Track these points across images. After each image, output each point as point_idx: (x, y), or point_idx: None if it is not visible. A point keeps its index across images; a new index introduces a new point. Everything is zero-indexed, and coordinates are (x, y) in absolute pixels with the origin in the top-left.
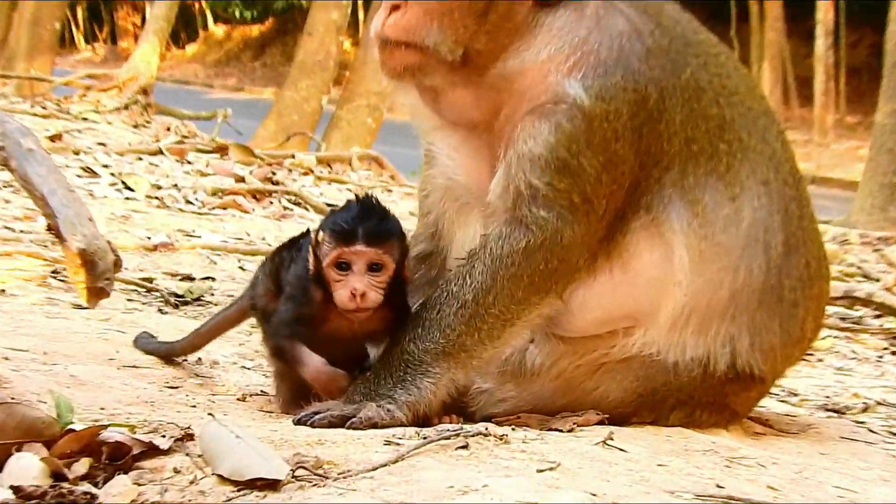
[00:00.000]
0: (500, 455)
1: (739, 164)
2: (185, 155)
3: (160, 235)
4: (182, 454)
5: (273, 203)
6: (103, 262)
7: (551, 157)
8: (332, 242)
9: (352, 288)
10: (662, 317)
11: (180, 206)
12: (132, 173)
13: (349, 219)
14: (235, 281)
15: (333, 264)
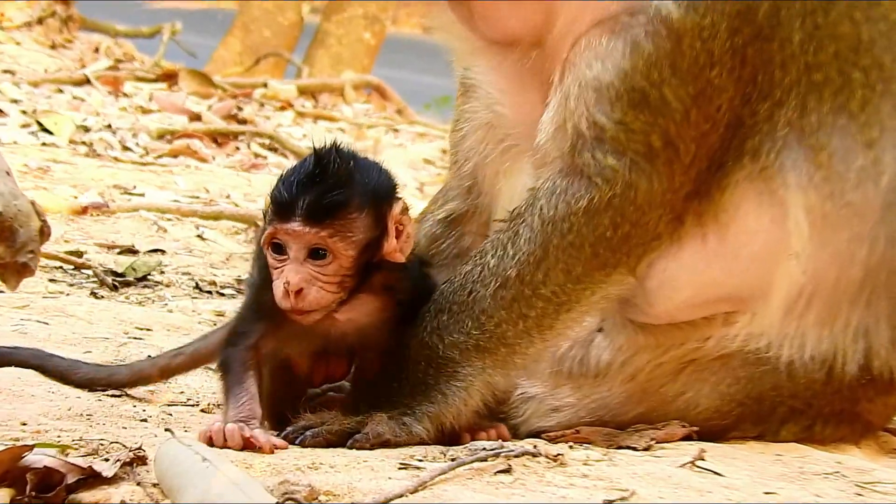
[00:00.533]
0: (554, 481)
1: (879, 100)
2: (120, 85)
3: (90, 194)
4: (132, 483)
5: (240, 149)
6: (25, 229)
7: (624, 87)
8: (270, 214)
9: (284, 281)
10: (774, 300)
11: (116, 155)
12: (50, 111)
13: (292, 182)
14: (192, 254)
15: (268, 245)
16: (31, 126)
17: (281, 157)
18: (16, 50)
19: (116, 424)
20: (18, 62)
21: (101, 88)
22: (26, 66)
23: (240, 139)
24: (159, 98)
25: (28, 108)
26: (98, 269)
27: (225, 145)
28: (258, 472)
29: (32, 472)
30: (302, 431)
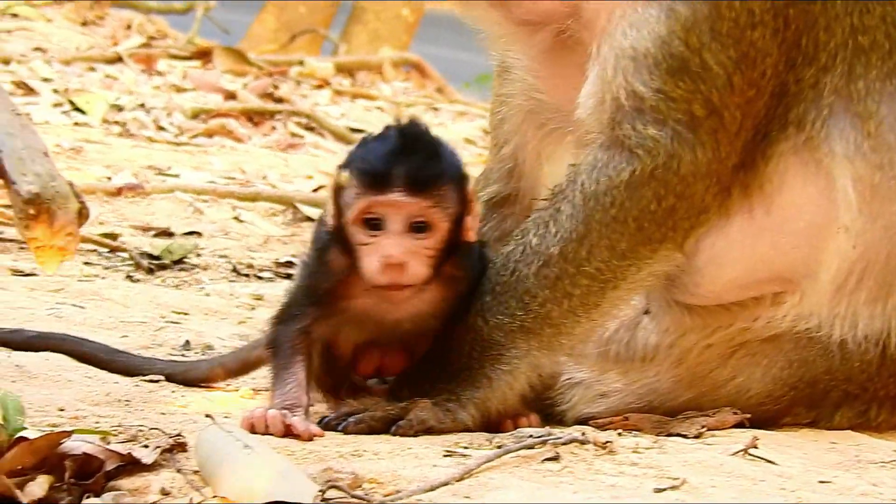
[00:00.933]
0: (603, 469)
1: None
2: (153, 63)
3: (124, 175)
4: (171, 470)
5: (276, 128)
6: (64, 211)
7: (662, 54)
8: (358, 188)
9: (384, 255)
10: (824, 277)
11: (150, 135)
12: (83, 89)
13: (383, 154)
14: (229, 236)
15: (360, 220)
16: (64, 105)
17: (318, 136)
18: (46, 27)
19: (155, 410)
20: (49, 40)
21: (134, 66)
22: (57, 44)
23: (276, 118)
24: (193, 76)
25: (60, 87)
26: (133, 251)
27: (261, 125)
28: (300, 459)
29: (71, 458)
30: (344, 418)
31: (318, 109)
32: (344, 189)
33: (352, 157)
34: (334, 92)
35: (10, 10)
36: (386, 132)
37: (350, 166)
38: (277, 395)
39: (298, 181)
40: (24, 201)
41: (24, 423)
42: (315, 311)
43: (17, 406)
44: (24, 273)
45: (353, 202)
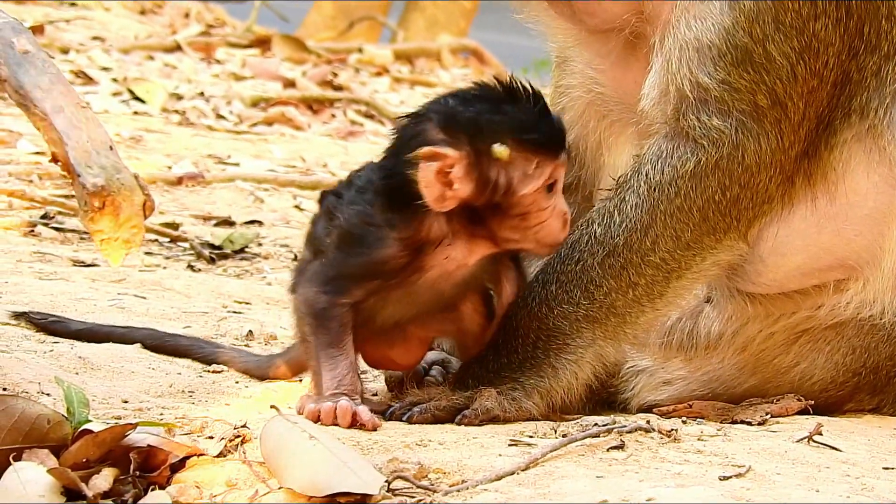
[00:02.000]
0: (668, 457)
1: None
2: (212, 52)
3: (184, 164)
4: (237, 461)
5: (336, 116)
6: (129, 203)
7: (726, 45)
8: (534, 156)
9: (562, 213)
10: (887, 264)
11: (209, 123)
12: (142, 78)
13: (541, 119)
14: (290, 225)
15: (545, 187)
16: (123, 94)
17: (378, 123)
18: (105, 16)
19: (219, 401)
20: (108, 28)
21: (193, 55)
22: (116, 33)
23: (335, 106)
24: (252, 64)
25: (119, 76)
26: (195, 241)
27: (320, 112)
28: (365, 449)
29: (136, 451)
30: (409, 407)
31: (378, 97)
32: (507, 162)
33: (498, 127)
34: (393, 79)
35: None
36: (509, 93)
37: (504, 137)
38: (331, 379)
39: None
40: (90, 194)
41: (88, 416)
42: (373, 287)
43: (82, 398)
44: (85, 264)
45: (534, 172)
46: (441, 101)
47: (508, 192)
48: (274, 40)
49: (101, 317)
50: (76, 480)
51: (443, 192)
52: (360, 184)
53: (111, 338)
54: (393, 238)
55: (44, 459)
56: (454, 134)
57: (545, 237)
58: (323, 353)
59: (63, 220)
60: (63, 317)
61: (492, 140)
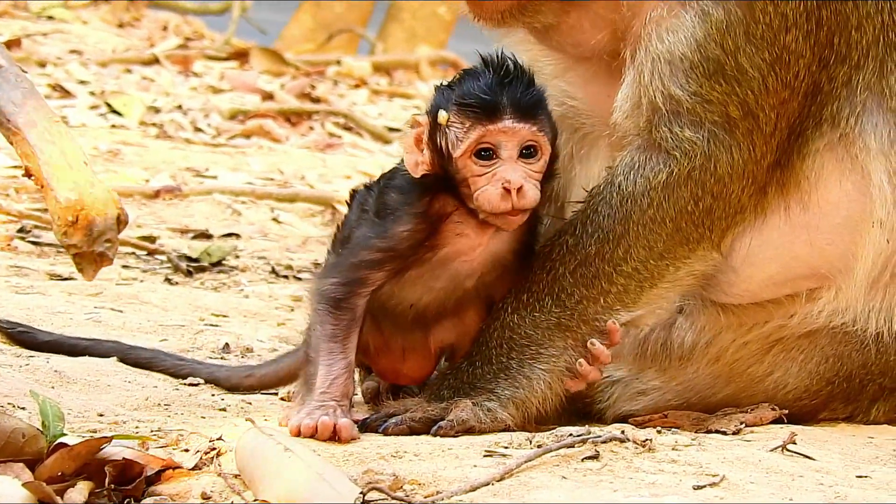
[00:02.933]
0: (643, 467)
1: None
2: (190, 64)
3: (162, 177)
4: (213, 474)
5: (314, 128)
6: (103, 218)
7: (698, 57)
8: (467, 120)
9: (504, 181)
10: (859, 272)
11: (187, 136)
12: (119, 91)
13: (488, 86)
14: (267, 238)
15: (472, 152)
16: (100, 108)
17: (356, 136)
18: (82, 29)
19: (195, 414)
20: (85, 42)
21: (171, 68)
22: (93, 46)
23: (314, 118)
24: (231, 77)
25: (96, 90)
26: (172, 254)
27: (299, 125)
28: (340, 461)
29: (111, 464)
30: (385, 419)
31: (356, 109)
32: (447, 128)
33: (446, 97)
34: (372, 91)
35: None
36: (477, 69)
37: (448, 105)
38: (325, 376)
39: (337, 181)
40: (63, 208)
41: (63, 429)
42: (384, 275)
43: (57, 412)
44: (62, 277)
45: (463, 136)
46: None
47: (448, 157)
48: (252, 53)
49: (78, 330)
50: (51, 494)
51: (415, 159)
52: (390, 172)
53: (81, 350)
54: (408, 214)
55: (19, 473)
56: (431, 106)
57: (483, 204)
58: (324, 347)
59: (40, 233)
60: (32, 327)
61: (441, 107)
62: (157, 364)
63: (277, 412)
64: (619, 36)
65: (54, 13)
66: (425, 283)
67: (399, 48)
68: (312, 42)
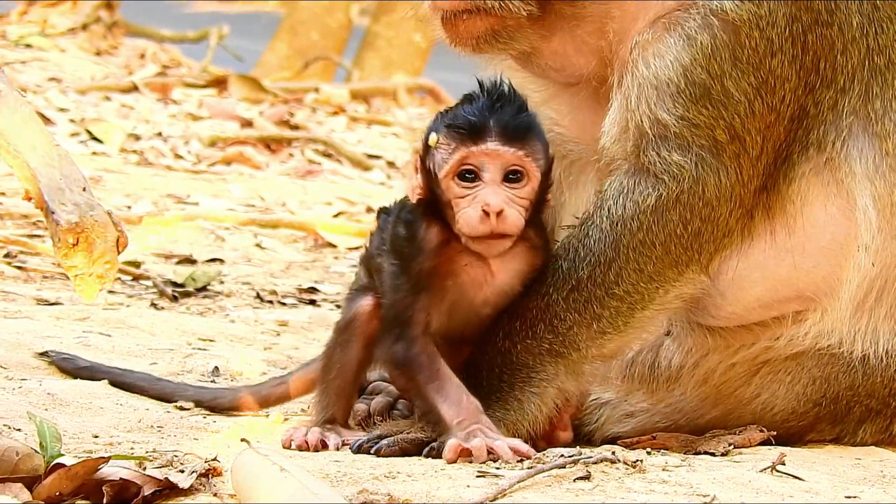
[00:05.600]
0: (634, 487)
1: None
2: (169, 92)
3: (144, 203)
4: (208, 494)
5: (294, 155)
6: (103, 240)
7: (685, 82)
8: (453, 142)
9: (484, 202)
10: (844, 294)
11: (168, 163)
12: (99, 119)
13: (475, 109)
14: (251, 263)
15: (455, 173)
16: (81, 135)
17: (336, 162)
18: (60, 57)
19: (188, 436)
20: (64, 70)
21: (150, 95)
22: (72, 74)
23: (293, 145)
24: (209, 104)
25: (76, 117)
26: (157, 279)
27: (278, 152)
28: (335, 481)
29: (109, 484)
30: (377, 440)
31: (335, 136)
32: (433, 150)
33: (440, 120)
34: (350, 118)
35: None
36: (471, 95)
37: (440, 127)
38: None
39: (318, 207)
40: (64, 230)
41: (60, 450)
42: (426, 303)
43: (54, 433)
44: (49, 302)
45: (448, 157)
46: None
47: (434, 179)
48: (230, 80)
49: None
50: None
51: (412, 183)
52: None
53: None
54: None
55: (17, 493)
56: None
57: (463, 226)
58: (430, 390)
59: (26, 259)
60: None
61: (435, 131)
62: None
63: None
64: (605, 62)
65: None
66: (446, 313)
67: (375, 75)
68: (289, 69)
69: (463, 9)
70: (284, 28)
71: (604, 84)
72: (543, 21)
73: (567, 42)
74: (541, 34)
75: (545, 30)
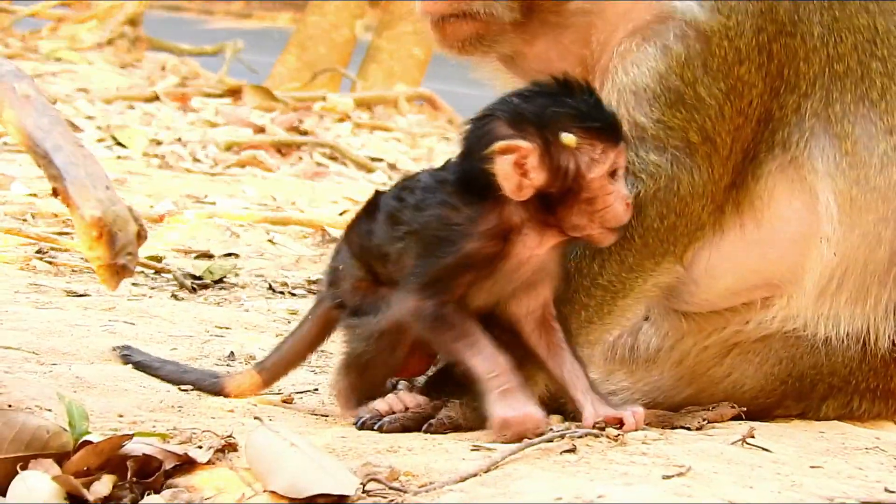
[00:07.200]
0: (616, 459)
1: None
2: (188, 101)
3: (165, 203)
4: (225, 467)
5: (303, 158)
6: (124, 233)
7: (660, 88)
8: (598, 143)
9: (624, 197)
10: (808, 282)
11: (187, 166)
12: (124, 126)
13: (600, 107)
14: (264, 257)
15: (608, 172)
16: (107, 140)
17: (341, 165)
18: (88, 69)
19: (206, 415)
20: (91, 81)
21: (170, 104)
22: (98, 85)
23: (302, 149)
24: (225, 112)
25: (102, 124)
26: (177, 272)
27: (288, 155)
28: (341, 455)
29: (133, 459)
30: (380, 417)
31: (340, 140)
32: (572, 148)
33: (563, 117)
34: (354, 124)
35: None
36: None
37: (569, 126)
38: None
39: (325, 206)
40: (88, 224)
41: (87, 428)
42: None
43: (82, 412)
44: (77, 294)
45: (600, 157)
46: (504, 100)
47: (578, 178)
48: (245, 90)
49: (95, 340)
50: (78, 487)
51: (520, 182)
52: (424, 186)
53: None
54: (478, 232)
55: (48, 468)
56: (523, 127)
57: (610, 220)
58: (461, 348)
59: (56, 254)
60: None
61: (558, 129)
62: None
63: (282, 412)
64: (588, 69)
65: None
66: (493, 291)
67: (378, 86)
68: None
69: (450, 13)
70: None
71: None
72: (527, 27)
73: (551, 48)
74: (524, 39)
75: (528, 35)
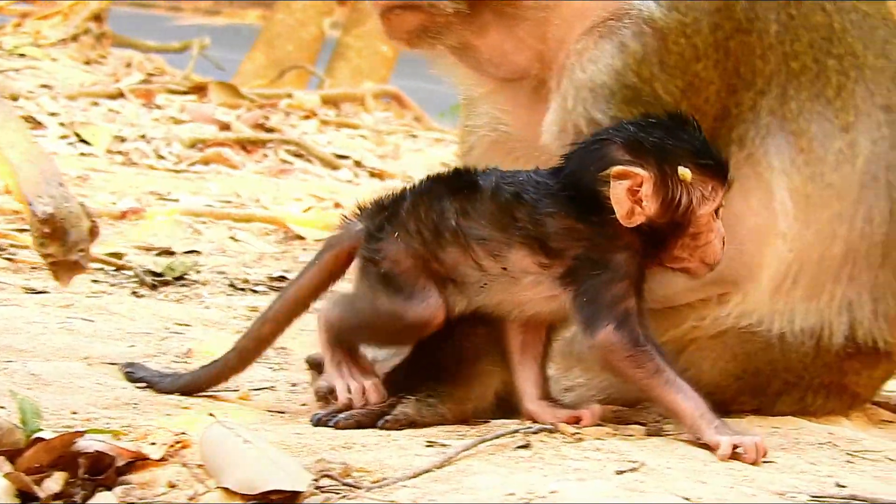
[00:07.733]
0: (570, 455)
1: (853, 86)
2: (153, 97)
3: (127, 200)
4: (178, 464)
5: (268, 156)
6: (76, 229)
7: (617, 85)
8: (710, 180)
9: (721, 235)
10: (763, 278)
11: (151, 163)
12: (87, 122)
13: (709, 145)
14: (226, 254)
15: (715, 209)
16: (70, 137)
17: (306, 162)
18: (52, 66)
19: (161, 412)
20: (55, 77)
21: (135, 101)
22: (62, 81)
23: (267, 146)
24: (190, 109)
25: (66, 121)
26: (138, 269)
27: (254, 152)
28: (295, 451)
29: (84, 456)
30: (335, 414)
31: (306, 138)
32: (687, 184)
33: (680, 151)
34: (320, 122)
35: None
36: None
37: (685, 161)
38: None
39: (289, 203)
40: (40, 221)
41: (40, 425)
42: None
43: (34, 409)
44: (35, 291)
45: (710, 195)
46: (622, 127)
47: (688, 212)
48: (210, 87)
49: (52, 338)
50: (30, 483)
51: (632, 209)
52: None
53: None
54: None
55: (0, 465)
56: (641, 156)
57: (709, 256)
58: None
59: (15, 251)
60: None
61: (675, 163)
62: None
63: (238, 409)
64: (544, 63)
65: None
66: None
67: (345, 83)
68: (265, 77)
69: (395, 5)
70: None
71: (543, 84)
72: (475, 19)
73: (505, 40)
74: (472, 31)
75: (477, 27)
